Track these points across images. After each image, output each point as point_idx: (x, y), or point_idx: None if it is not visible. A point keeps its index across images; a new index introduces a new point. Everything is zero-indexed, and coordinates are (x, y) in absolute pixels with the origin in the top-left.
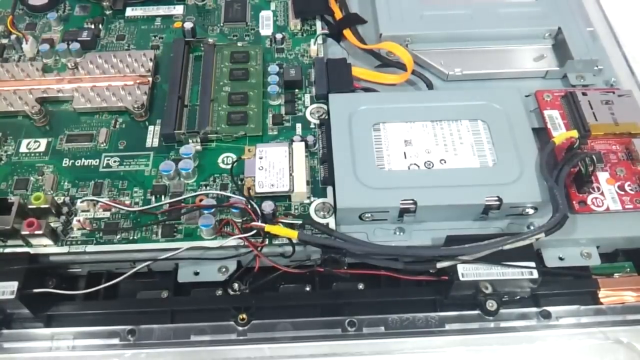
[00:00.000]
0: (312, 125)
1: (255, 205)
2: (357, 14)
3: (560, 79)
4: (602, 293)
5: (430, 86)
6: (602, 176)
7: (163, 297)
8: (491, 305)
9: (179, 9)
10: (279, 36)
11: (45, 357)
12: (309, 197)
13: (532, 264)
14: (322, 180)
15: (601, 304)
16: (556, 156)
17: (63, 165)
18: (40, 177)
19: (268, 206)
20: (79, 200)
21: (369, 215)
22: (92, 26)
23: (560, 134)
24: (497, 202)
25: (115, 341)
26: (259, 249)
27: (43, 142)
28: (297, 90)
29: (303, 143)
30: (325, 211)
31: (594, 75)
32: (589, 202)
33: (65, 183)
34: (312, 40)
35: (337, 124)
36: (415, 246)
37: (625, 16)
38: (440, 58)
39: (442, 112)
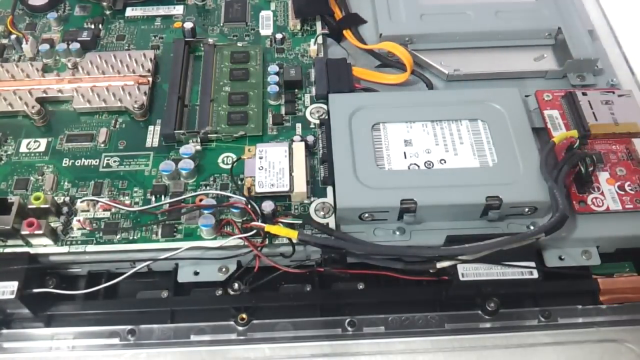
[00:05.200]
0: (312, 125)
1: (255, 205)
2: (357, 14)
3: (560, 79)
4: (602, 293)
5: (430, 86)
6: (602, 176)
7: (163, 297)
8: (491, 305)
9: (179, 9)
10: (279, 36)
11: (45, 357)
12: (309, 197)
13: (532, 264)
14: (322, 180)
15: (601, 303)
16: (556, 156)
17: (63, 165)
18: (40, 177)
19: (268, 206)
20: (79, 200)
21: (369, 215)
22: (92, 26)
23: (560, 134)
24: (497, 202)
25: (115, 341)
26: (259, 249)
27: (43, 142)
28: (297, 90)
29: (303, 143)
30: (325, 211)
31: (594, 75)
32: (589, 202)
33: (65, 183)
34: (312, 40)
35: (337, 124)
36: (415, 246)
37: (625, 16)
38: (440, 58)
39: (442, 112)
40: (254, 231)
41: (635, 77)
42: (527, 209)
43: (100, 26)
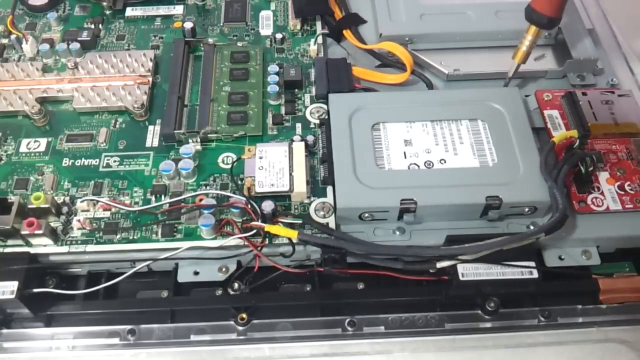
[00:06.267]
0: (312, 125)
1: (255, 205)
2: (357, 14)
3: (560, 79)
4: (602, 293)
5: (430, 86)
6: (602, 176)
7: (163, 297)
8: (491, 305)
9: (179, 9)
10: (279, 36)
11: (45, 357)
12: (309, 197)
13: (532, 264)
14: (322, 180)
15: (601, 303)
16: (556, 156)
17: (63, 165)
18: (40, 177)
19: (268, 206)
20: (79, 200)
21: (369, 215)
22: (92, 26)
23: (560, 133)
24: (497, 202)
25: (115, 341)
26: (259, 248)
27: (43, 141)
28: (297, 90)
29: (303, 143)
30: (325, 211)
31: (594, 75)
32: (589, 202)
33: (65, 183)
34: (312, 40)
35: (337, 124)
36: (415, 246)
37: (625, 16)
38: (440, 58)
39: (442, 112)
40: (254, 231)
41: (635, 77)
42: (527, 209)
43: (100, 26)
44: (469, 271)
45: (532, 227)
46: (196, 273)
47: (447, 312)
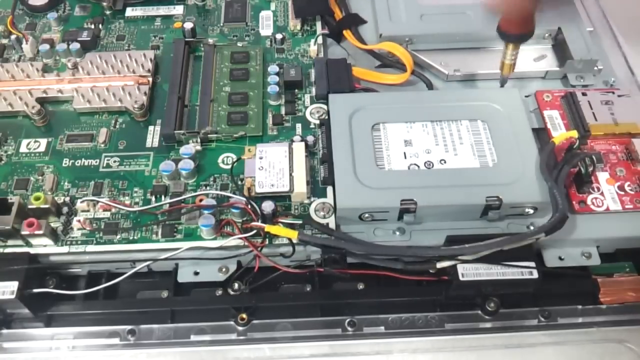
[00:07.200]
0: (312, 125)
1: (255, 205)
2: (357, 14)
3: (560, 79)
4: (602, 293)
5: (430, 86)
6: (602, 176)
7: (163, 297)
8: (491, 305)
9: (179, 9)
10: (279, 36)
11: (45, 357)
12: (309, 197)
13: (532, 264)
14: (322, 180)
15: (601, 303)
16: (556, 156)
17: (63, 165)
18: (40, 177)
19: (268, 206)
20: (79, 200)
21: (369, 215)
22: (92, 26)
23: (560, 134)
24: (497, 202)
25: (115, 341)
26: (259, 249)
27: (43, 142)
28: (297, 90)
29: (303, 143)
30: (325, 211)
31: (594, 75)
32: (589, 202)
33: (65, 183)
34: (312, 41)
35: (337, 124)
36: (415, 246)
37: (625, 16)
38: (440, 58)
39: (442, 112)
40: (254, 231)
41: (635, 77)
42: (527, 209)
43: (100, 26)
44: (469, 271)
45: (532, 228)
46: (196, 273)
47: (447, 313)
